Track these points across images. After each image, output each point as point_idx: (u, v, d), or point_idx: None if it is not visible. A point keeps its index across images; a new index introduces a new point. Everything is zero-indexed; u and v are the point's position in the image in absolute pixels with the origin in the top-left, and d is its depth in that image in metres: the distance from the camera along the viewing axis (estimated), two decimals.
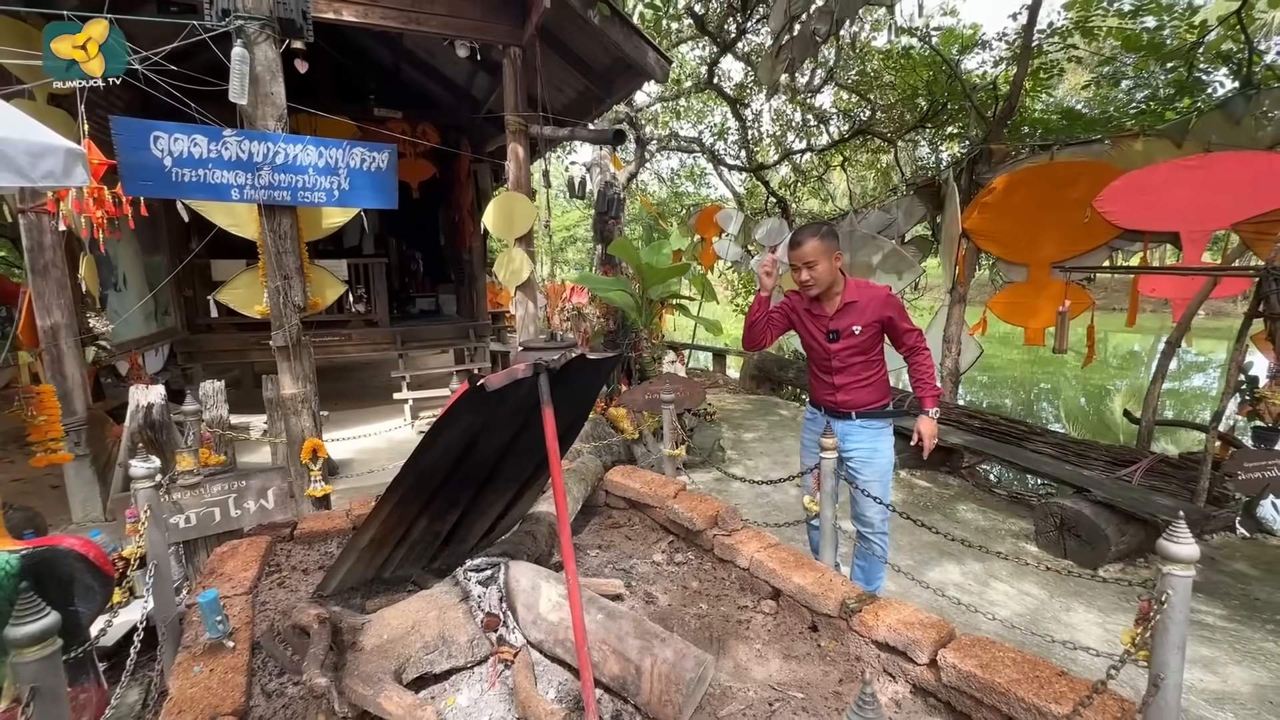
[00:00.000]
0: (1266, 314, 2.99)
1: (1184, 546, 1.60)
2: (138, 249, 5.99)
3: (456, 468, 2.11)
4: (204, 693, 1.88)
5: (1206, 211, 4.12)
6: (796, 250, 2.56)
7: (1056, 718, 1.65)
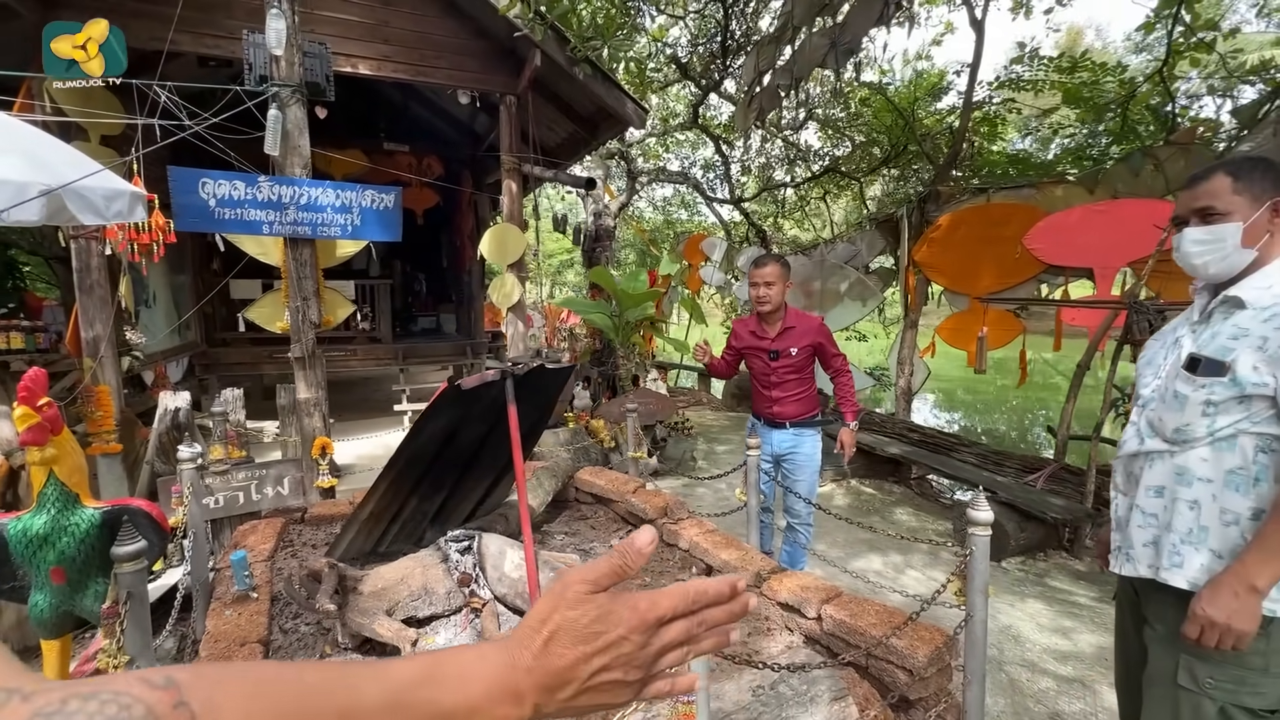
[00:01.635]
0: (1130, 340, 3.52)
1: (982, 513, 2.11)
2: (166, 269, 6.58)
3: (440, 454, 2.63)
4: (234, 629, 2.39)
5: (1113, 250, 4.68)
6: (759, 270, 3.06)
7: (894, 647, 2.14)
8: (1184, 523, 1.40)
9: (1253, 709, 1.32)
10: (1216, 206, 1.41)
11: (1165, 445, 1.44)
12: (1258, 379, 1.28)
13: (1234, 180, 1.40)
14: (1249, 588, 1.25)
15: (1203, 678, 1.36)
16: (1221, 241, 1.41)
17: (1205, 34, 5.99)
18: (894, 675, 2.16)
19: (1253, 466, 1.31)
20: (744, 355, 3.29)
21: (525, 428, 3.09)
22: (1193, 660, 1.37)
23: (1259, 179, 1.39)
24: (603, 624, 0.45)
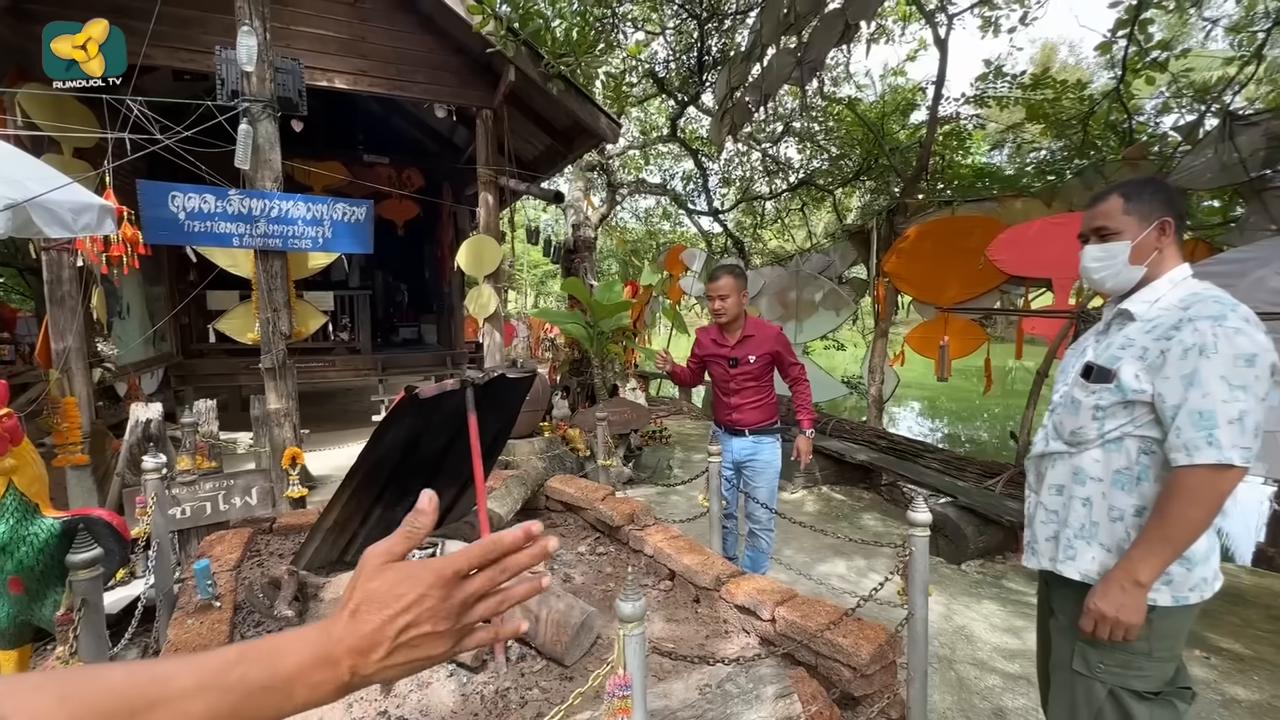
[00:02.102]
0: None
1: (921, 514, 2.20)
2: (140, 280, 6.57)
3: (404, 463, 2.67)
4: (195, 637, 2.41)
5: (1069, 261, 4.82)
6: (714, 283, 3.13)
7: (840, 645, 2.21)
8: (1077, 519, 1.50)
9: (1138, 691, 1.41)
10: (1109, 226, 1.52)
11: (1065, 447, 1.54)
12: (1138, 386, 1.38)
13: (1125, 201, 1.51)
14: (1134, 583, 1.34)
15: (1094, 662, 1.45)
16: (1114, 258, 1.52)
17: (1158, 54, 6.23)
18: (840, 673, 2.23)
19: (1136, 467, 1.41)
20: (706, 363, 3.36)
21: (490, 436, 3.15)
22: (1085, 647, 1.47)
23: (1148, 200, 1.50)
24: (403, 586, 0.51)
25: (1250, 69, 5.60)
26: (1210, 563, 1.42)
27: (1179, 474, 1.31)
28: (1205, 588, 1.41)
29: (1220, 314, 1.31)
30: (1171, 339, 1.34)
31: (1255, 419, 1.27)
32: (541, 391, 5.55)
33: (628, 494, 5.47)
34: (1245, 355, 1.27)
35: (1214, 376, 1.27)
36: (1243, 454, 1.26)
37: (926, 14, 6.06)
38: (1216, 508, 1.30)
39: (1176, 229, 1.49)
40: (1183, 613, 1.41)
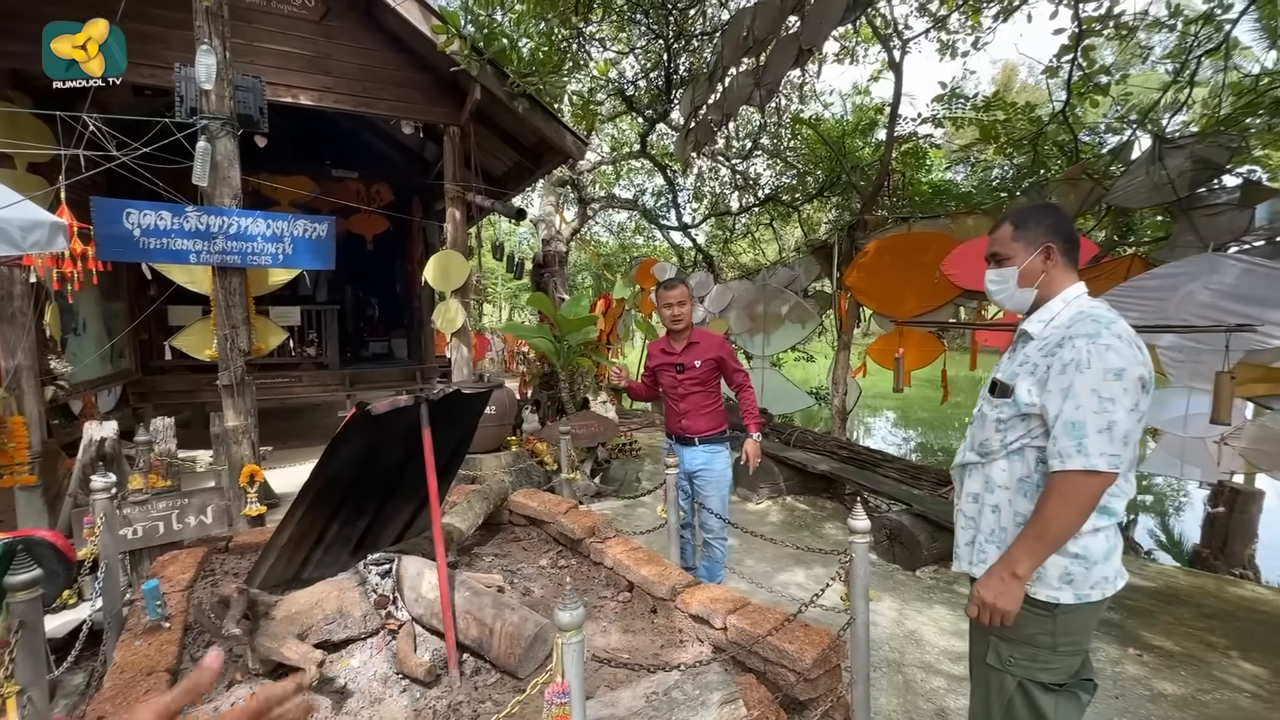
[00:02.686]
0: None
1: (860, 521, 2.28)
2: (98, 296, 6.44)
3: (359, 479, 2.68)
4: (142, 659, 2.39)
5: None
6: (670, 292, 3.28)
7: (786, 651, 2.28)
8: (988, 524, 1.60)
9: (1044, 683, 1.51)
10: (1001, 251, 1.65)
11: (977, 458, 1.64)
12: (1030, 400, 1.48)
13: (1014, 229, 1.64)
14: (1012, 575, 1.44)
15: (1005, 657, 1.54)
16: (1006, 282, 1.64)
17: (1101, 78, 6.55)
18: (785, 677, 2.29)
19: (1035, 475, 1.51)
20: (657, 373, 3.48)
21: (447, 451, 3.17)
22: (998, 642, 1.56)
23: (1034, 226, 1.62)
24: None
25: (1185, 94, 5.93)
26: (1111, 562, 1.52)
27: (1053, 478, 1.42)
28: (1107, 586, 1.51)
29: (1095, 332, 1.42)
30: (1055, 355, 1.45)
31: (1124, 428, 1.38)
32: (509, 405, 5.57)
33: (594, 507, 5.50)
34: (1114, 370, 1.38)
35: (1086, 389, 1.38)
36: (1109, 460, 1.37)
37: (882, 39, 6.29)
38: (1086, 510, 1.40)
39: (1065, 253, 1.61)
40: (1086, 609, 1.51)
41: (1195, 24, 5.92)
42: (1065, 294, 1.60)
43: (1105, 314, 1.50)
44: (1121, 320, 1.49)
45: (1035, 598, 1.51)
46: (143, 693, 2.14)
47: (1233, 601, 3.60)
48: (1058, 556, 1.49)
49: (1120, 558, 1.56)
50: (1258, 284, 3.70)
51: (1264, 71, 5.70)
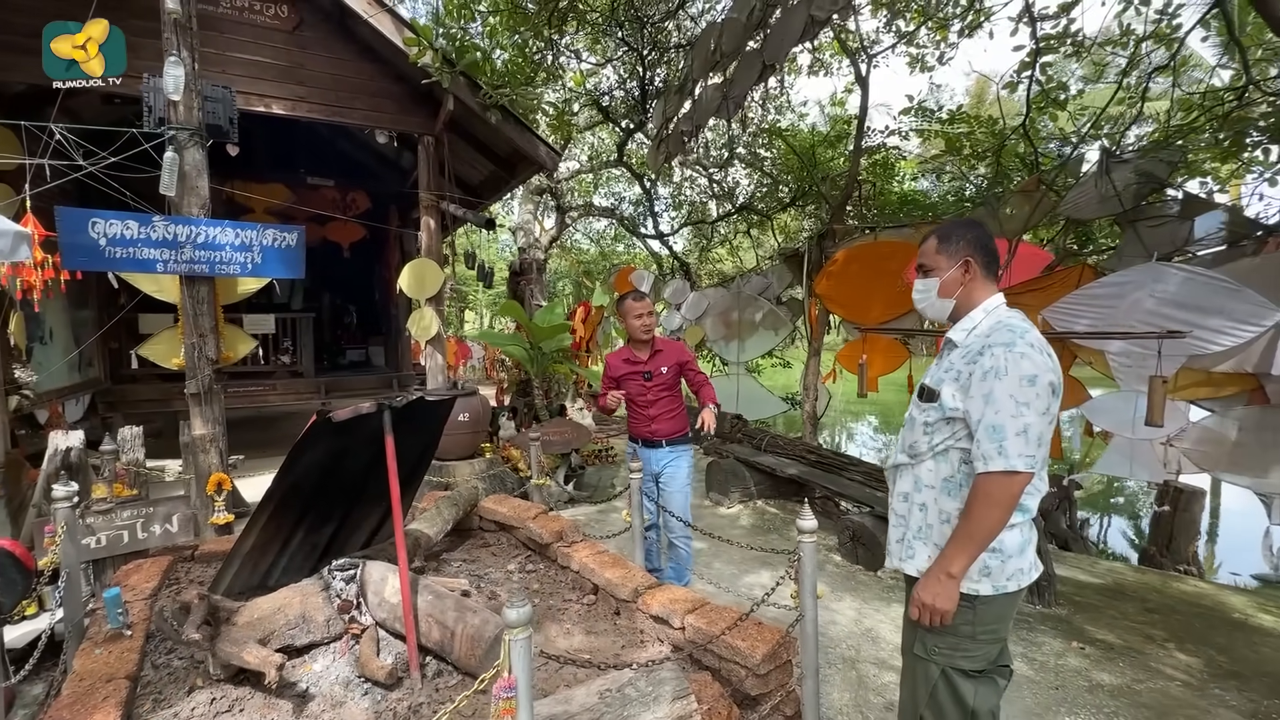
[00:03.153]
0: None
1: (808, 521, 2.38)
2: (66, 304, 6.37)
3: (323, 486, 2.71)
4: (102, 665, 2.40)
5: None
6: (643, 303, 3.49)
7: (738, 648, 2.35)
8: (916, 522, 1.70)
9: (965, 670, 1.60)
10: (926, 263, 1.77)
11: (907, 459, 1.74)
12: (954, 404, 1.58)
13: (938, 242, 1.75)
14: (947, 575, 1.54)
15: (930, 646, 1.64)
16: (929, 292, 1.76)
17: (1059, 94, 6.79)
18: (738, 674, 2.37)
19: (958, 475, 1.61)
20: (621, 382, 3.58)
21: (413, 457, 3.22)
22: (924, 633, 1.65)
23: (955, 240, 1.73)
24: None
25: (1137, 108, 6.18)
26: (1025, 555, 1.62)
27: (978, 480, 1.52)
28: (1022, 577, 1.61)
29: (1011, 341, 1.53)
30: (976, 363, 1.56)
31: (1037, 430, 1.48)
32: (482, 412, 5.61)
33: (568, 513, 5.55)
34: (1028, 376, 1.49)
35: (1004, 395, 1.49)
36: (1026, 461, 1.47)
37: (850, 54, 6.47)
38: (1010, 507, 1.51)
39: (984, 265, 1.72)
40: (1003, 600, 1.61)
41: (1146, 42, 6.18)
42: (985, 304, 1.71)
43: (1020, 324, 1.61)
44: (1034, 330, 1.60)
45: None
46: (101, 699, 2.16)
47: (1175, 596, 3.76)
48: None
49: (1034, 550, 1.66)
50: (1197, 292, 3.88)
51: (1209, 89, 5.96)
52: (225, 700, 2.31)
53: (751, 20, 4.57)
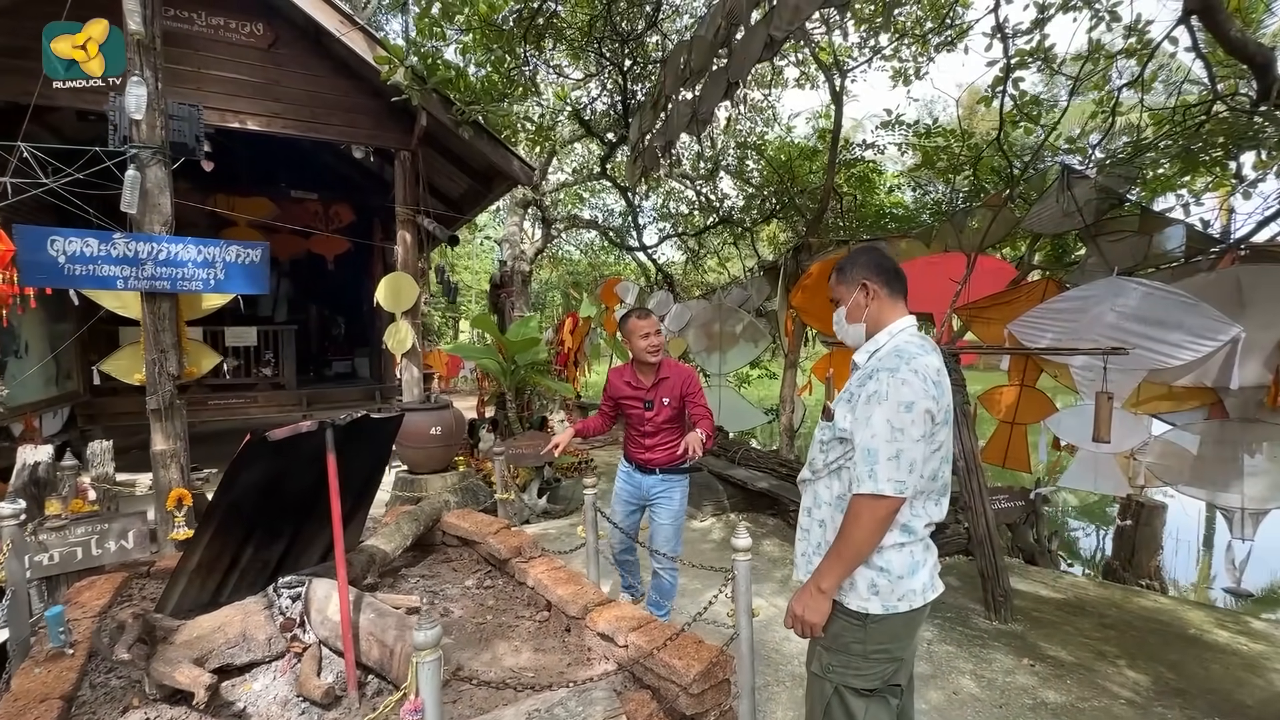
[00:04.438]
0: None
1: (742, 540, 2.39)
2: (43, 318, 6.39)
3: (266, 504, 2.72)
4: (39, 685, 2.40)
5: (944, 297, 5.23)
6: (647, 320, 3.17)
7: (674, 667, 2.35)
8: (815, 537, 1.71)
9: (856, 688, 1.61)
10: (833, 296, 1.80)
11: (810, 474, 1.76)
12: (844, 424, 1.61)
13: (838, 274, 1.79)
14: (818, 589, 1.56)
15: (825, 664, 1.65)
16: (840, 322, 1.79)
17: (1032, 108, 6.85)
18: (673, 692, 2.37)
19: (849, 493, 1.63)
20: (620, 405, 3.34)
21: (363, 474, 3.22)
22: (821, 651, 1.67)
23: (850, 269, 1.77)
24: None
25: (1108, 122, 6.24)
26: (917, 576, 1.63)
27: (850, 500, 1.55)
28: (914, 598, 1.62)
29: (895, 367, 1.56)
30: (864, 386, 1.58)
31: (910, 457, 1.50)
32: (455, 426, 5.62)
33: (540, 526, 5.54)
34: (906, 403, 1.51)
35: (881, 420, 1.51)
36: (895, 486, 1.49)
37: (825, 69, 6.55)
38: (878, 529, 1.53)
39: (885, 285, 1.74)
40: (896, 620, 1.62)
41: (1115, 58, 6.26)
42: (891, 327, 1.73)
43: (913, 349, 1.63)
44: (926, 356, 1.61)
45: (848, 607, 1.62)
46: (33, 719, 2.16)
47: (1133, 611, 3.75)
48: (865, 569, 1.61)
49: (930, 572, 1.67)
50: (1157, 306, 3.90)
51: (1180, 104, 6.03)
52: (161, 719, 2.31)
53: (717, 38, 4.63)
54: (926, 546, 1.66)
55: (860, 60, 7.57)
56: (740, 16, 4.37)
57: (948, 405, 1.62)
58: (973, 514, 3.58)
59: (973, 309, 4.85)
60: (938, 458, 1.63)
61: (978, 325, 4.87)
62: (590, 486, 3.42)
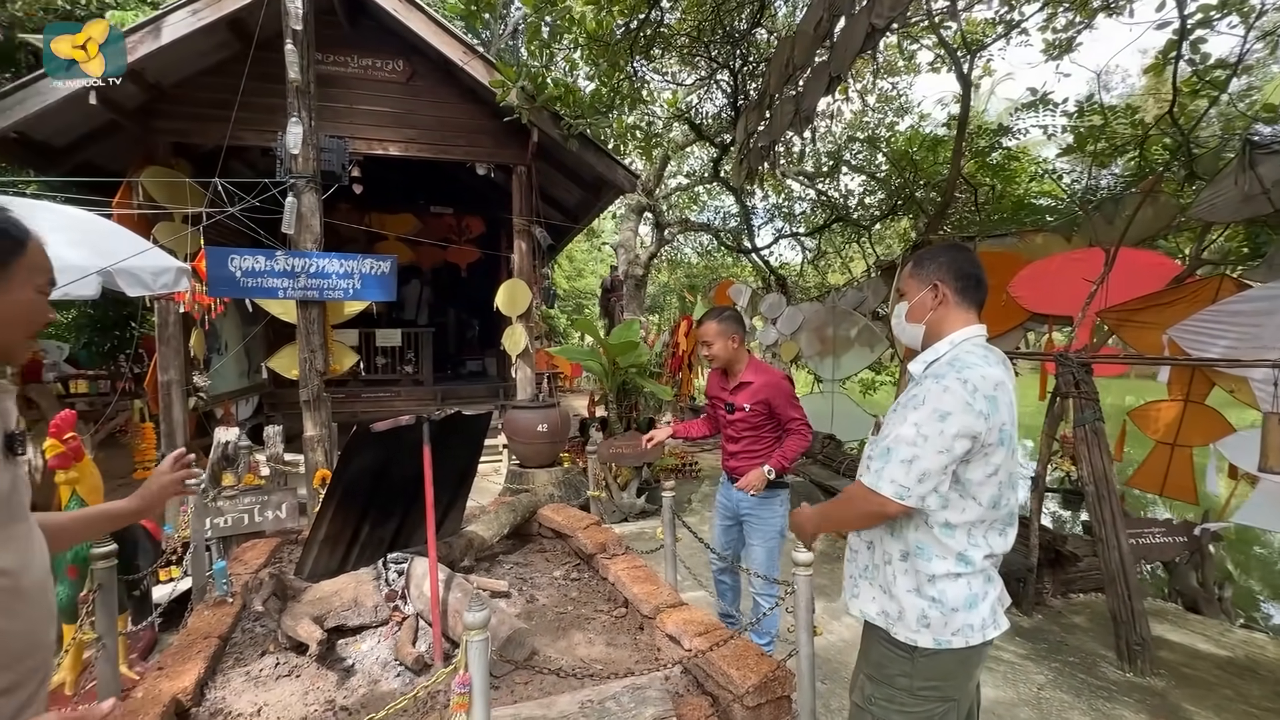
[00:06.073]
0: (1059, 393, 3.50)
1: (803, 555, 2.30)
2: (239, 322, 7.68)
3: (379, 487, 3.08)
4: (205, 624, 2.91)
5: (1083, 299, 4.60)
6: (700, 330, 3.07)
7: (729, 675, 2.34)
8: (863, 560, 1.63)
9: None
10: (900, 288, 1.68)
11: None
12: (887, 433, 1.51)
13: (913, 267, 1.66)
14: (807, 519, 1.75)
15: (869, 695, 1.55)
16: (899, 317, 1.67)
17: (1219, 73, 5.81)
18: (728, 701, 2.35)
19: (900, 516, 1.51)
20: (714, 405, 3.21)
21: (460, 464, 3.52)
22: (865, 680, 1.57)
23: (927, 265, 1.63)
24: None
25: None
26: (976, 611, 1.48)
27: (855, 482, 1.54)
28: (971, 634, 1.48)
29: (943, 374, 1.43)
30: (908, 393, 1.48)
31: (924, 465, 1.38)
32: (561, 425, 5.92)
33: (634, 525, 5.66)
34: (941, 412, 1.38)
35: (912, 423, 1.41)
36: (895, 489, 1.39)
37: (949, 50, 6.01)
38: (861, 516, 1.56)
39: (958, 292, 1.59)
40: (948, 656, 1.48)
41: None
42: (953, 336, 1.58)
43: (971, 359, 1.49)
44: (984, 368, 1.46)
45: (895, 637, 1.52)
46: (196, 652, 2.65)
47: None
48: (916, 598, 1.49)
49: (991, 608, 1.51)
50: None
51: None
52: (287, 665, 2.72)
53: (819, 31, 4.46)
54: (988, 579, 1.52)
55: (1000, 34, 6.85)
56: (842, 8, 4.19)
57: (1004, 425, 1.46)
58: (1104, 546, 3.13)
59: (1121, 311, 4.23)
60: (994, 482, 1.48)
61: (1128, 330, 4.23)
62: (669, 489, 3.46)
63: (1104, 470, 3.17)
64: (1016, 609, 3.79)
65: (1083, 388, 3.30)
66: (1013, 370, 1.63)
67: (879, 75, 10.16)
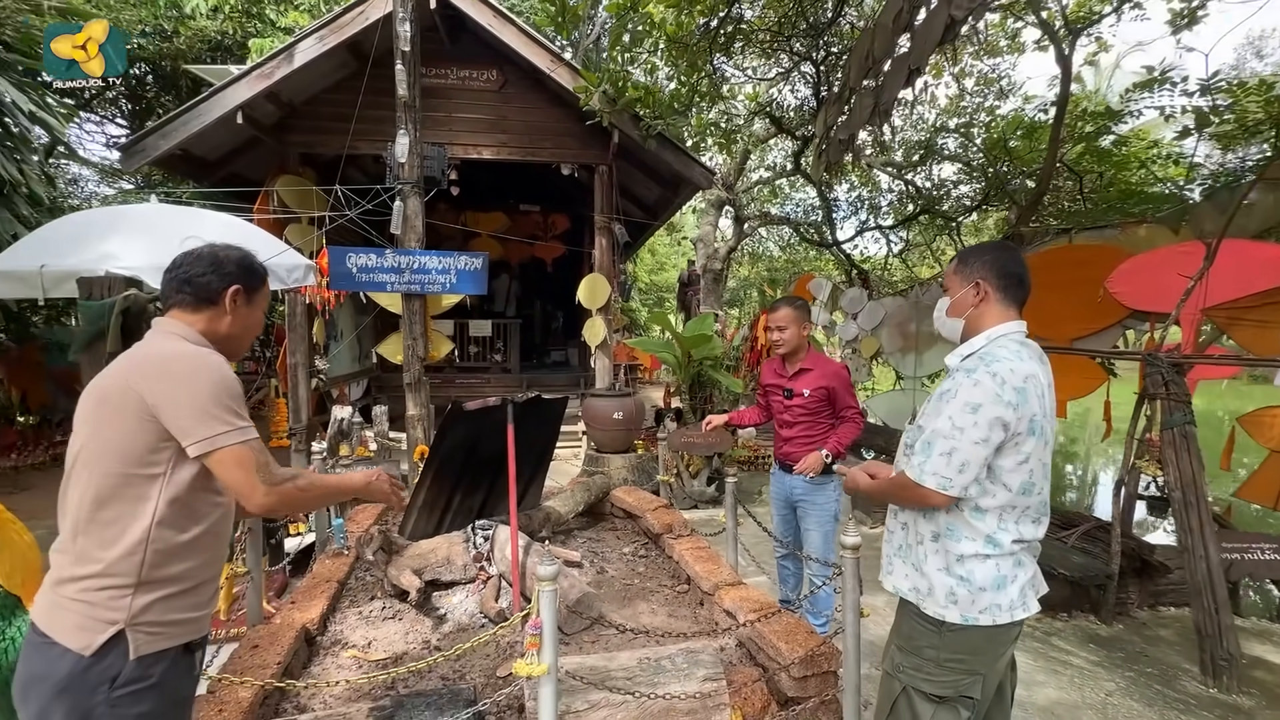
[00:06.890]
0: (1147, 395, 3.31)
1: (850, 538, 2.41)
2: (353, 312, 8.54)
3: (468, 461, 3.46)
4: (326, 571, 3.41)
5: (1195, 295, 4.28)
6: (772, 315, 3.19)
7: (777, 647, 2.51)
8: (898, 540, 1.75)
9: (926, 692, 1.62)
10: (945, 283, 1.78)
11: None
12: (923, 424, 1.62)
13: (958, 263, 1.75)
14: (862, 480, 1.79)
15: (898, 663, 1.68)
16: (941, 311, 1.76)
17: None
18: (776, 671, 2.52)
19: None
20: (767, 394, 3.35)
21: (538, 446, 3.86)
22: (895, 650, 1.70)
23: (972, 262, 1.71)
24: None
25: None
26: (1004, 591, 1.57)
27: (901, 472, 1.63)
28: (999, 613, 1.57)
29: (974, 368, 1.53)
30: (943, 385, 1.59)
31: (963, 456, 1.48)
32: (635, 413, 6.21)
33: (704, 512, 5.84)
34: (972, 404, 1.48)
35: (947, 416, 1.51)
36: (938, 480, 1.48)
37: (1049, 31, 5.66)
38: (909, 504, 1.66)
39: (1000, 289, 1.67)
40: (975, 632, 1.58)
41: None
42: (990, 331, 1.66)
43: (1003, 353, 1.57)
44: (1016, 362, 1.54)
45: (924, 611, 1.64)
46: (319, 593, 3.13)
47: None
48: (945, 576, 1.60)
49: (1021, 590, 1.59)
50: None
51: None
52: (391, 609, 3.16)
53: (898, 23, 4.41)
54: (1018, 562, 1.60)
55: (1112, 9, 6.37)
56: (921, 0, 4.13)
57: (1035, 416, 1.54)
58: (1190, 556, 2.98)
59: (1233, 309, 3.93)
60: (1025, 470, 1.56)
61: (1241, 330, 3.93)
62: (732, 475, 3.63)
63: (1192, 476, 3.01)
64: (1095, 616, 3.65)
65: (1172, 389, 3.14)
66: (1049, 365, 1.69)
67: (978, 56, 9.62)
